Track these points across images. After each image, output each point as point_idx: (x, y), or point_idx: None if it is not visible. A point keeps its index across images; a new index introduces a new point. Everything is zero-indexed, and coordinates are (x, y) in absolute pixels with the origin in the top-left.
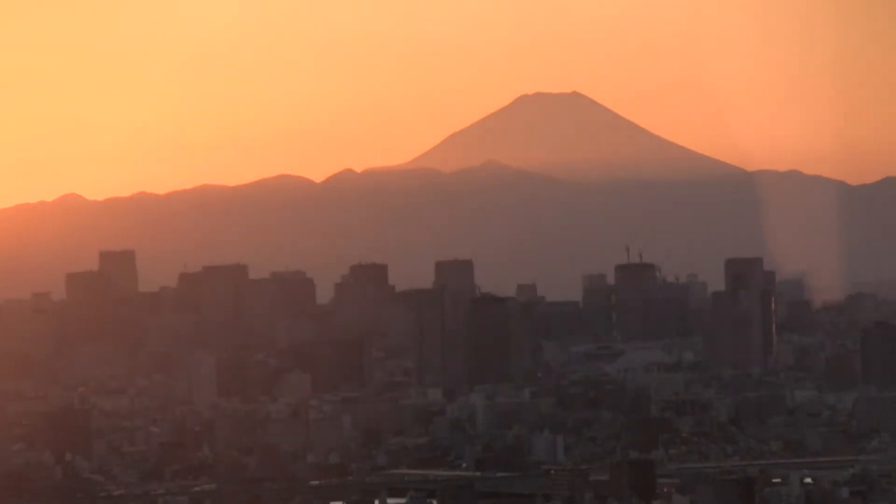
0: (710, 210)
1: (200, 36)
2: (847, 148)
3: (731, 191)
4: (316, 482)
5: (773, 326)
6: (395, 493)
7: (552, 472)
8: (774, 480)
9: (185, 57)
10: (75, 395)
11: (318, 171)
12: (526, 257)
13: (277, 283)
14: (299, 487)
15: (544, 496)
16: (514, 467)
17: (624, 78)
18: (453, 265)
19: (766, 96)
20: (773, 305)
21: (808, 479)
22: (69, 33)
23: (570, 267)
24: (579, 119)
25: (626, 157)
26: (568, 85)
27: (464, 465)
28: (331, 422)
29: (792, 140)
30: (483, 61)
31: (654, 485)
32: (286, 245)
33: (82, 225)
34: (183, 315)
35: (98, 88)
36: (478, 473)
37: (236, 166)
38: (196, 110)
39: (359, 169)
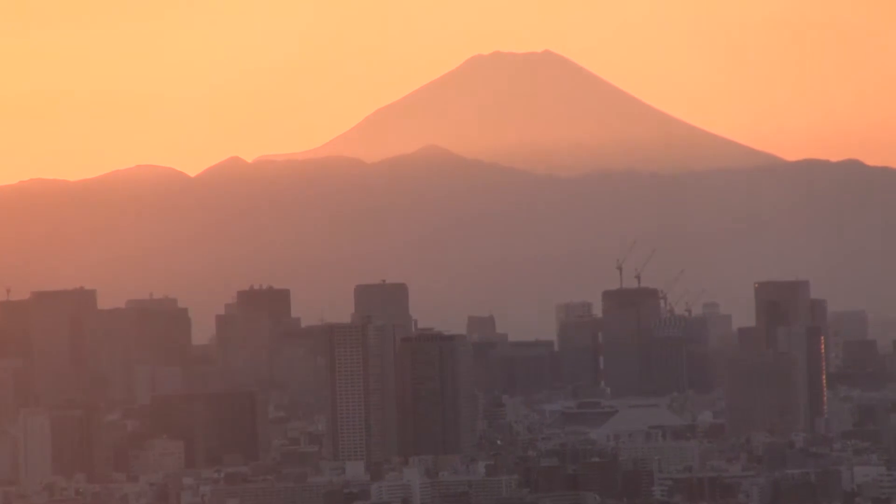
0: (733, 212)
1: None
2: None
3: (765, 187)
4: None
5: (824, 377)
6: None
7: None
8: None
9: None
10: None
11: (192, 160)
12: (480, 280)
13: (137, 315)
14: None
15: None
16: None
17: (610, 32)
18: (380, 290)
19: (806, 64)
20: (823, 347)
21: None
22: None
23: (541, 293)
24: (552, 87)
25: (616, 138)
26: (537, 42)
27: None
28: None
29: (846, 122)
30: (423, 12)
31: None
32: (147, 262)
33: None
34: (4, 360)
35: None
36: None
37: (78, 156)
38: (18, 76)
39: (249, 158)
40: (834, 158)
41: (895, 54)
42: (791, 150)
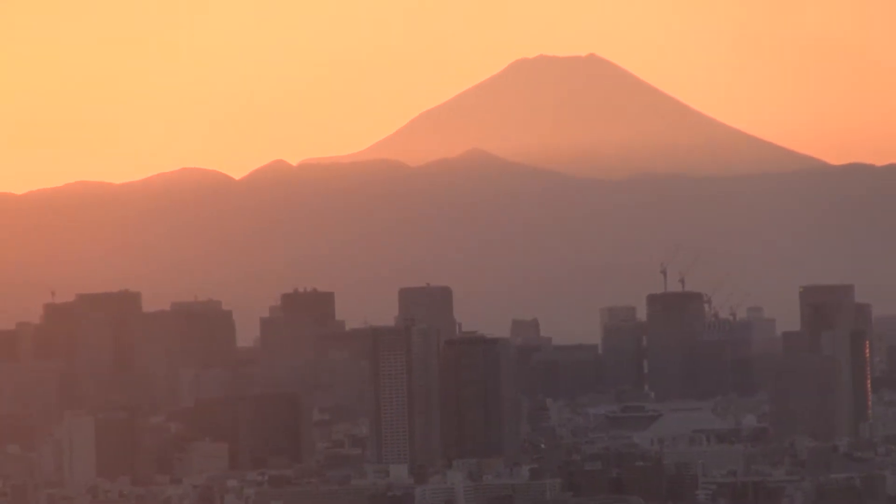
0: (779, 217)
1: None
2: None
3: (809, 191)
4: None
5: (869, 381)
6: None
7: None
8: None
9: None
10: None
11: (237, 163)
12: (523, 284)
13: (181, 318)
14: None
15: None
16: None
17: (654, 35)
18: (424, 294)
19: (851, 69)
20: (867, 352)
21: None
22: None
23: (585, 297)
24: (596, 91)
25: (661, 142)
26: (581, 45)
27: None
28: None
29: (891, 126)
30: (468, 15)
31: None
32: (193, 265)
33: None
34: (49, 362)
35: None
36: None
37: (125, 158)
38: (64, 81)
39: (293, 161)
40: (879, 163)
41: None
42: (836, 154)
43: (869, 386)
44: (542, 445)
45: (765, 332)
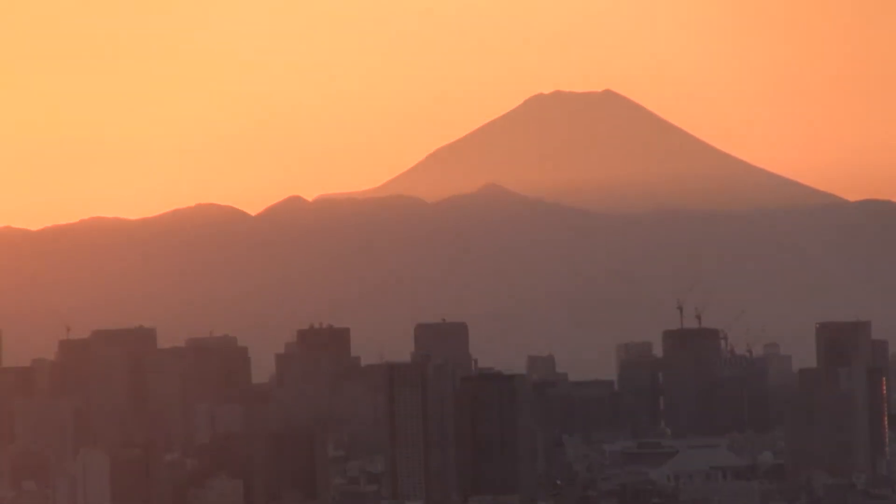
0: (795, 253)
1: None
2: None
3: (826, 227)
4: None
5: (885, 418)
6: None
7: None
8: None
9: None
10: None
11: (253, 199)
12: (539, 319)
13: (196, 354)
14: None
15: None
16: None
17: (670, 71)
18: (440, 329)
19: (867, 104)
20: (884, 388)
21: None
22: None
23: (601, 333)
24: (612, 126)
25: (677, 178)
26: (597, 81)
27: None
28: None
29: None
30: (484, 50)
31: None
32: (208, 300)
33: None
34: (64, 399)
35: None
36: None
37: (140, 193)
38: (79, 116)
39: (310, 197)
40: (895, 199)
41: None
42: (853, 190)
43: (886, 422)
44: (559, 482)
45: (781, 369)
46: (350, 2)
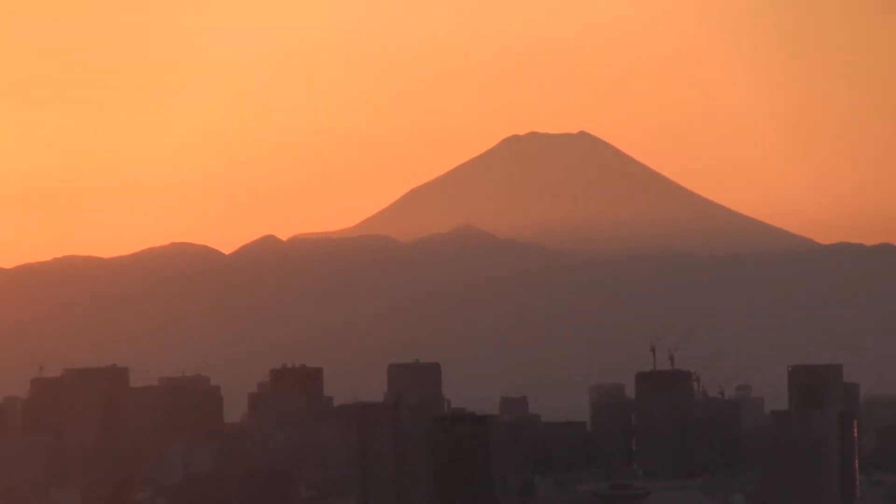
0: (768, 296)
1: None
2: None
3: (799, 270)
4: None
5: (857, 461)
6: None
7: None
8: None
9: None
10: None
11: (227, 238)
12: (513, 360)
13: (169, 393)
14: None
15: None
16: None
17: (645, 113)
18: (412, 370)
19: (839, 148)
20: (856, 431)
21: None
22: None
23: (574, 374)
24: (587, 168)
25: (651, 219)
26: (572, 123)
27: None
28: None
29: (880, 206)
30: (459, 91)
31: None
32: (181, 339)
33: None
34: (36, 437)
35: None
36: None
37: (113, 231)
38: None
39: (284, 236)
40: (868, 242)
41: None
42: (825, 233)
43: (857, 466)
44: None
45: (753, 411)
46: (324, 42)
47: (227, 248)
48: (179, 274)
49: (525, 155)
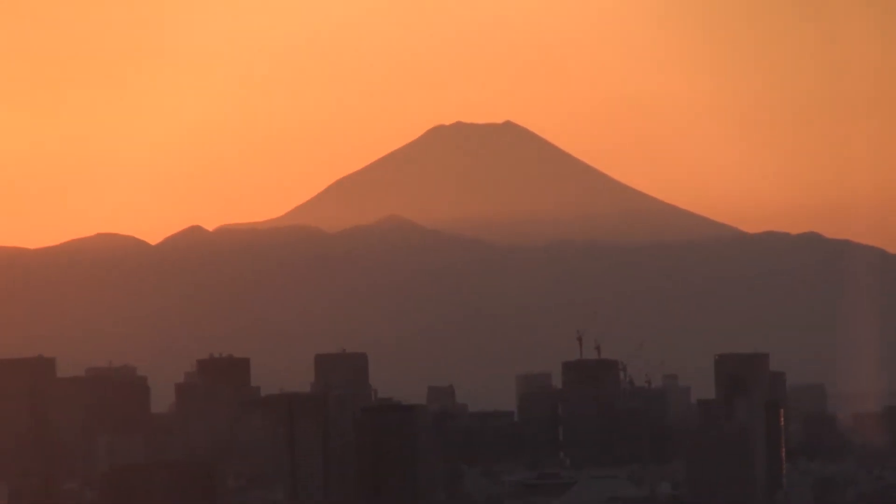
0: (694, 285)
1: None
2: (886, 205)
3: (725, 259)
4: None
5: (783, 450)
6: None
7: None
8: None
9: None
10: None
11: (153, 229)
12: (439, 349)
13: (96, 383)
14: None
15: None
16: None
17: (571, 103)
18: (340, 359)
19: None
20: (782, 420)
21: None
22: None
23: (501, 364)
24: (513, 158)
25: (576, 209)
26: (498, 113)
27: None
28: None
29: (806, 195)
30: (385, 81)
31: None
32: (108, 330)
33: None
34: None
35: None
36: None
37: (39, 222)
38: None
39: (210, 226)
40: (794, 231)
41: (854, 130)
42: (751, 222)
43: (783, 455)
44: None
45: (680, 400)
46: (250, 33)
47: (154, 238)
48: (106, 264)
49: (451, 145)
